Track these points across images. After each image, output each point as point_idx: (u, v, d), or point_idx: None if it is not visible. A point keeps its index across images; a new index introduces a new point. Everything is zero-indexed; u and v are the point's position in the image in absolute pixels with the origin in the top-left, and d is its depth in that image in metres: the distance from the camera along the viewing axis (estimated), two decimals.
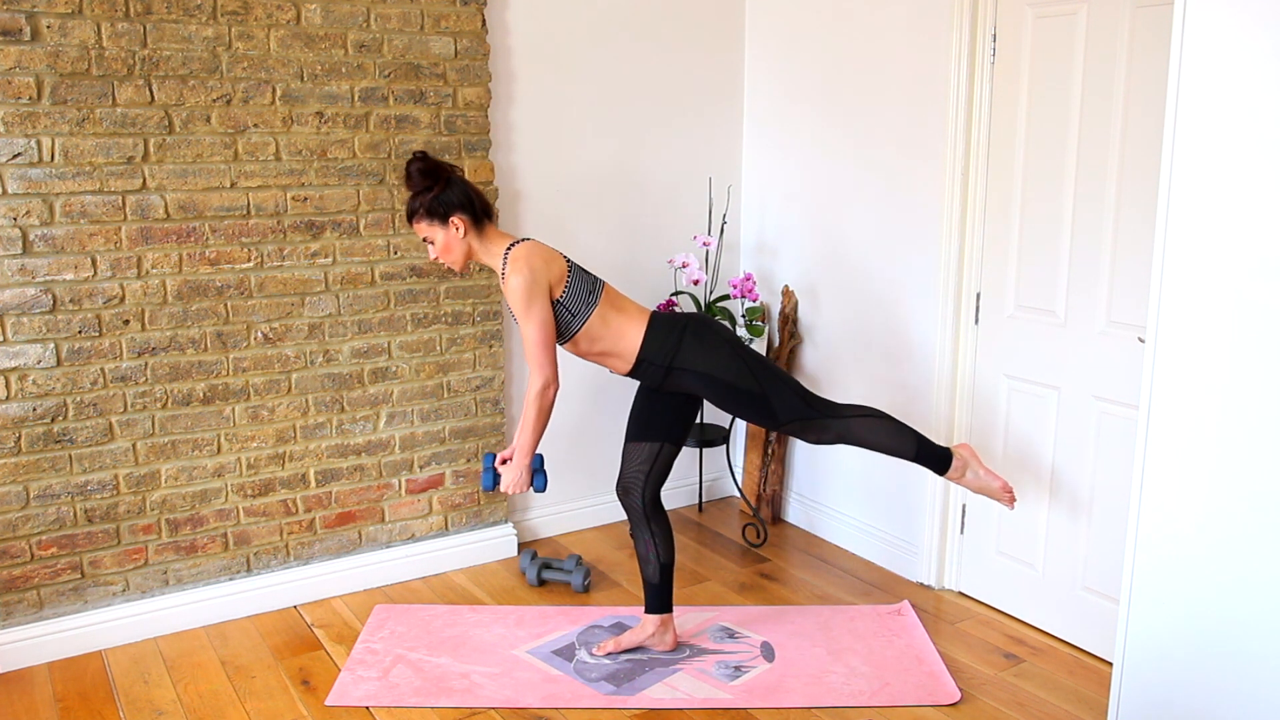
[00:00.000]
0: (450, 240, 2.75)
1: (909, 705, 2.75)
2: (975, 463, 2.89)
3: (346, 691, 2.81)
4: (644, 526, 2.92)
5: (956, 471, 2.87)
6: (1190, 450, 2.18)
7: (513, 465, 2.84)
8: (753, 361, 2.79)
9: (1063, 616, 3.10)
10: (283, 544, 3.34)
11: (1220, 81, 2.04)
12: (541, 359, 2.69)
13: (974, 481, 2.88)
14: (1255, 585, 2.10)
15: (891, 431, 2.83)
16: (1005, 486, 2.86)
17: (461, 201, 2.74)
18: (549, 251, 2.77)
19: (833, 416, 2.80)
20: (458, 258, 2.78)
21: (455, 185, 2.74)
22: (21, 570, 2.97)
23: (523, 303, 2.67)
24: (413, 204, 2.75)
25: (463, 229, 2.74)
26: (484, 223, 2.79)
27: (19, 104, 2.77)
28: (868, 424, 2.82)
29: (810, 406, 2.79)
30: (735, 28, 4.01)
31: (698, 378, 2.77)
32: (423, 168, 2.73)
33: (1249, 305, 2.04)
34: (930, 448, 2.85)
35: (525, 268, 2.68)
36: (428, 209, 2.73)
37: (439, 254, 2.79)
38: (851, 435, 2.81)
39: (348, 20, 3.16)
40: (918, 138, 3.32)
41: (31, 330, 2.87)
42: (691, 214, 4.02)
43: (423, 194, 2.73)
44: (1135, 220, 2.76)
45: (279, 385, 3.25)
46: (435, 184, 2.72)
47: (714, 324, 2.83)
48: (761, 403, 2.76)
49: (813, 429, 2.80)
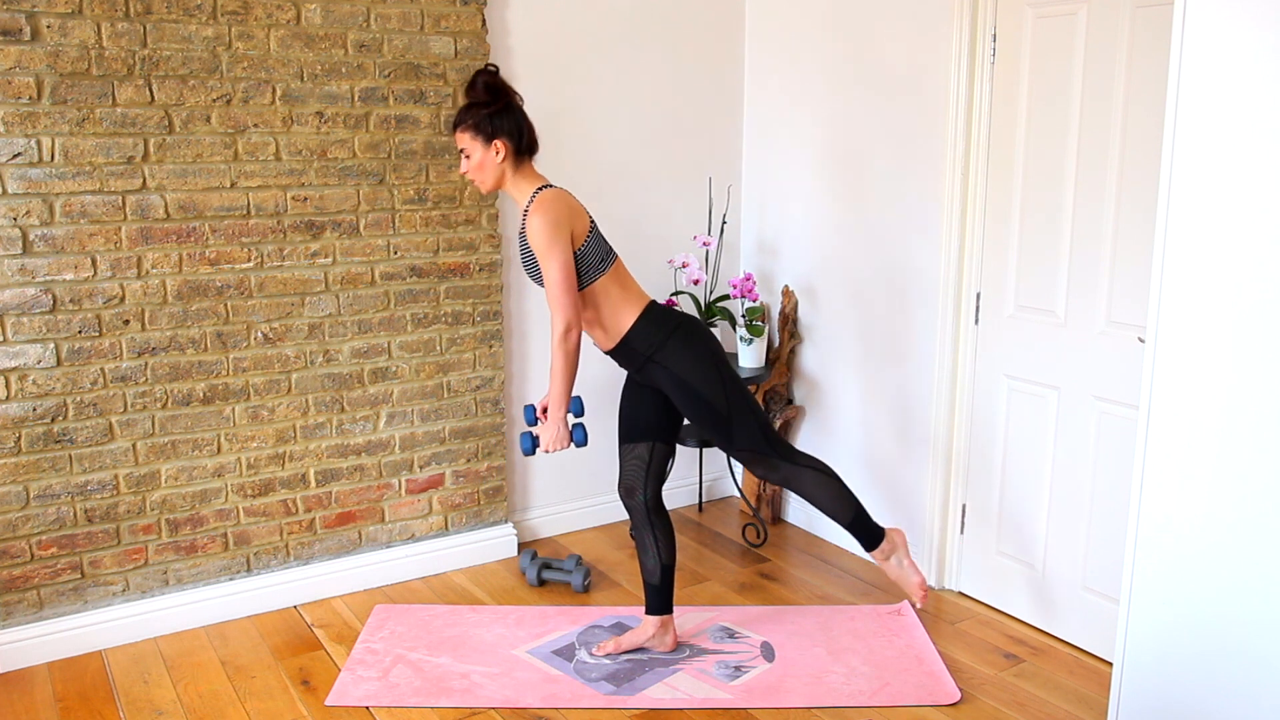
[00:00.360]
0: (486, 160, 2.71)
1: (909, 705, 2.75)
2: (902, 551, 2.92)
3: (346, 691, 2.81)
4: (646, 527, 2.92)
5: (882, 553, 2.90)
6: (1190, 450, 2.18)
7: (550, 420, 2.76)
8: (730, 382, 2.77)
9: (1063, 616, 3.10)
10: (283, 544, 3.34)
11: (1220, 81, 2.04)
12: (563, 300, 2.64)
13: (894, 569, 2.92)
14: (1255, 585, 2.10)
15: (835, 495, 2.84)
16: (922, 584, 2.90)
17: (511, 129, 2.70)
18: (576, 203, 2.74)
19: (786, 460, 2.81)
20: (488, 180, 2.74)
21: (512, 111, 2.71)
22: (21, 570, 2.97)
23: (545, 241, 2.63)
24: (463, 114, 2.70)
25: (502, 154, 2.70)
26: (524, 157, 2.75)
27: (19, 104, 2.77)
28: (816, 479, 2.83)
29: (769, 444, 2.79)
30: (735, 28, 4.01)
31: (671, 378, 2.76)
32: (489, 82, 2.69)
33: (1249, 305, 2.04)
34: (866, 522, 2.88)
35: (551, 210, 2.65)
36: (476, 124, 2.68)
37: (471, 171, 2.74)
38: (796, 484, 2.83)
39: (348, 20, 3.16)
40: (918, 138, 3.32)
41: (31, 330, 2.87)
42: (691, 214, 4.02)
43: (478, 107, 2.68)
44: (1135, 220, 2.76)
45: (279, 385, 3.25)
46: (494, 103, 2.68)
47: (705, 333, 2.82)
48: (723, 423, 2.76)
49: (762, 464, 2.80)
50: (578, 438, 2.79)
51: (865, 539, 2.89)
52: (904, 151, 3.38)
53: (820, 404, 3.88)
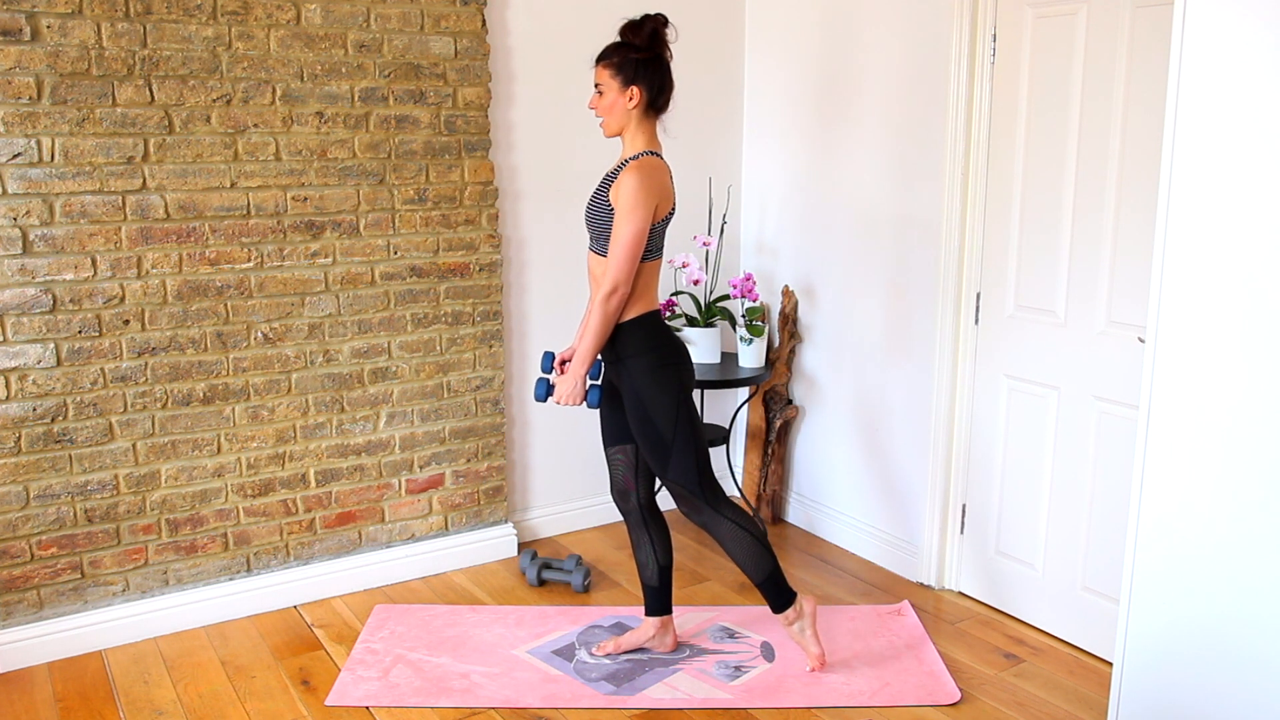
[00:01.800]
0: (618, 103, 2.66)
1: (909, 705, 2.75)
2: (809, 621, 2.87)
3: (346, 691, 2.81)
4: (642, 529, 2.92)
5: (788, 619, 2.85)
6: (1190, 450, 2.18)
7: (569, 375, 2.70)
8: (684, 417, 2.71)
9: (1063, 616, 3.10)
10: (283, 544, 3.34)
11: (1220, 81, 2.04)
12: (623, 262, 2.59)
13: (797, 635, 2.87)
14: (1255, 585, 2.10)
15: (754, 552, 2.78)
16: (820, 656, 2.87)
17: (652, 80, 2.65)
18: (670, 184, 2.69)
19: (712, 506, 2.76)
20: (614, 121, 2.69)
21: (661, 65, 2.66)
22: (21, 570, 2.97)
23: (631, 201, 2.58)
24: (612, 50, 2.66)
25: (636, 101, 2.65)
26: (651, 113, 2.70)
27: (19, 104, 2.77)
28: (735, 533, 2.77)
29: (701, 485, 2.75)
30: (735, 28, 4.01)
31: (629, 388, 2.72)
32: (656, 30, 2.64)
33: (1249, 305, 2.04)
34: (778, 584, 2.81)
35: (652, 177, 2.61)
36: (620, 63, 2.64)
37: (600, 108, 2.70)
38: (715, 531, 2.78)
39: (348, 20, 3.16)
40: (918, 138, 3.32)
41: (31, 330, 2.87)
42: (691, 214, 4.02)
43: (632, 50, 2.64)
44: (1135, 220, 2.76)
45: (279, 385, 3.25)
46: (649, 50, 2.64)
47: (685, 366, 2.77)
48: (662, 450, 2.71)
49: (687, 502, 2.77)
50: (592, 398, 2.75)
51: (774, 600, 2.83)
52: (904, 151, 3.38)
53: (820, 404, 3.88)
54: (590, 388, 2.74)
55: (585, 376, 2.70)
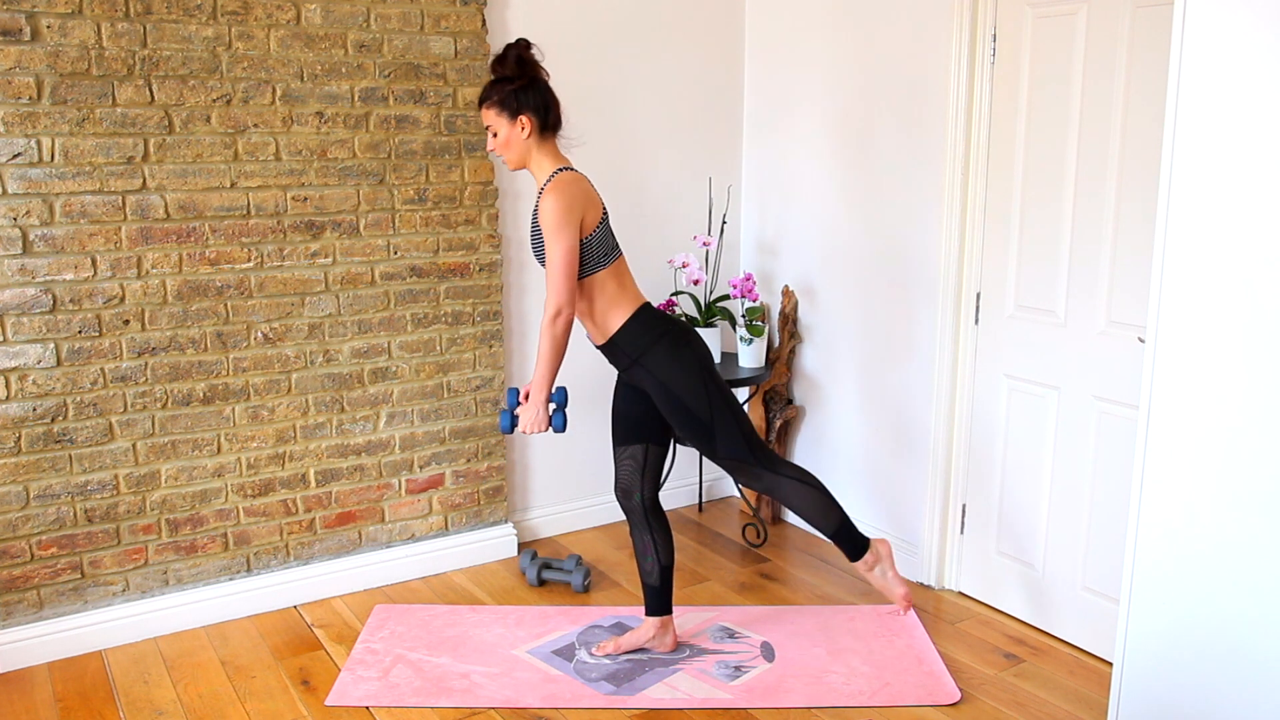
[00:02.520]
0: (513, 137, 2.69)
1: (909, 705, 2.75)
2: (888, 562, 2.91)
3: (346, 691, 2.81)
4: (644, 528, 2.92)
5: (866, 565, 2.89)
6: (1190, 450, 2.18)
7: (529, 403, 2.75)
8: (714, 391, 2.75)
9: (1063, 616, 3.10)
10: (283, 544, 3.34)
11: (1220, 81, 2.04)
12: (561, 285, 2.62)
13: (879, 580, 2.92)
14: (1255, 585, 2.10)
15: (821, 505, 2.83)
16: (906, 596, 2.91)
17: (537, 104, 2.68)
18: (592, 191, 2.72)
19: (769, 470, 2.80)
20: (515, 156, 2.72)
21: (538, 86, 2.69)
22: (21, 570, 2.97)
23: (555, 223, 2.61)
24: (490, 90, 2.69)
25: (528, 130, 2.68)
26: (548, 134, 2.73)
27: (19, 104, 2.77)
28: (799, 489, 2.81)
29: (752, 452, 2.78)
30: (735, 28, 4.01)
31: (656, 383, 2.75)
32: (521, 56, 2.67)
33: (1249, 305, 2.04)
34: (851, 532, 2.87)
35: (566, 194, 2.63)
36: (502, 99, 2.67)
37: (498, 147, 2.73)
38: (780, 493, 2.82)
39: (348, 20, 3.16)
40: (918, 137, 3.32)
41: (31, 330, 2.87)
42: (691, 214, 4.02)
43: (505, 83, 2.67)
44: (1135, 220, 2.76)
45: (279, 385, 3.25)
46: (521, 77, 2.67)
47: (694, 341, 2.79)
48: (706, 431, 2.74)
49: (745, 473, 2.80)
50: (556, 423, 2.78)
51: (849, 549, 2.88)
52: (904, 151, 3.38)
53: (820, 404, 3.88)
54: (554, 412, 2.78)
55: (546, 402, 2.74)
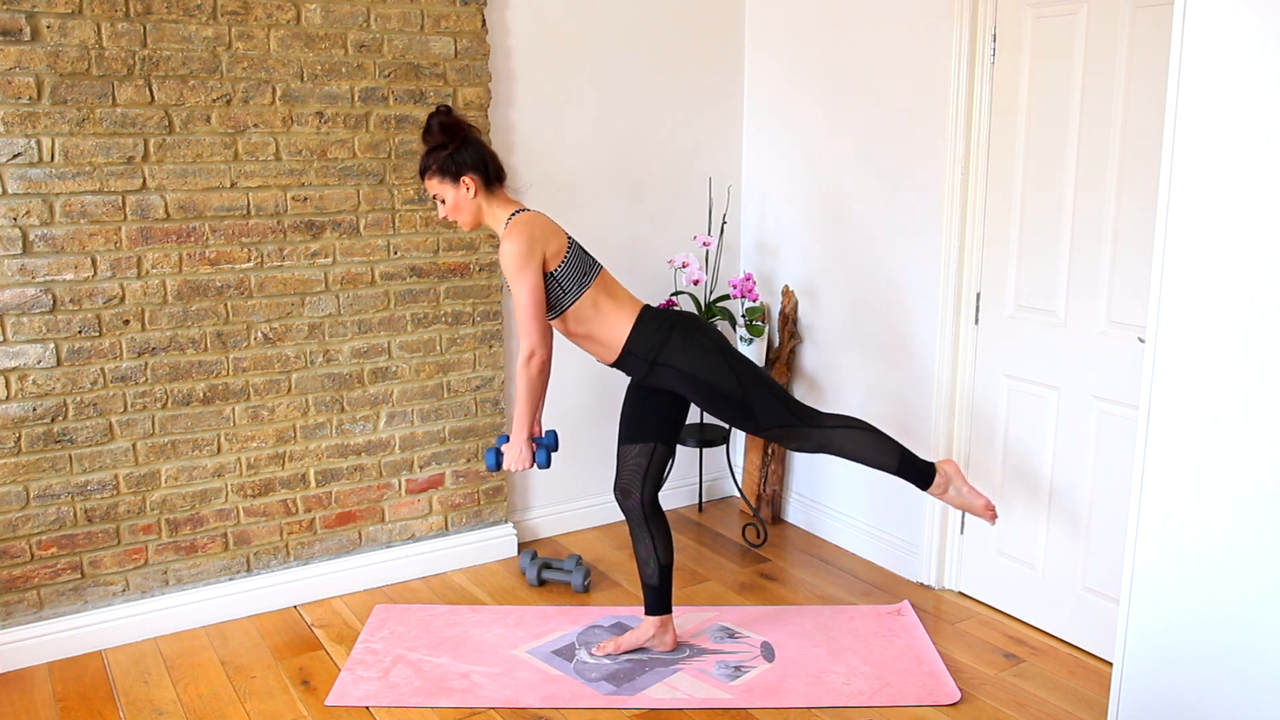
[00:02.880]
0: (460, 199, 2.73)
1: (909, 705, 2.75)
2: (959, 479, 2.88)
3: (346, 691, 2.81)
4: (643, 528, 2.92)
5: (939, 487, 2.86)
6: (1190, 450, 2.18)
7: (511, 442, 2.82)
8: (738, 366, 2.77)
9: (1063, 616, 3.10)
10: (283, 544, 3.34)
11: (1220, 81, 2.04)
12: (530, 326, 2.69)
13: (956, 499, 2.88)
14: (1255, 585, 2.10)
15: (874, 443, 2.81)
16: (988, 505, 2.86)
17: (475, 162, 2.71)
18: (550, 225, 2.75)
19: (815, 426, 2.79)
20: (467, 218, 2.76)
21: (471, 145, 2.72)
22: (21, 570, 2.97)
23: (515, 267, 2.66)
24: (426, 160, 2.73)
25: (473, 189, 2.72)
26: (495, 186, 2.77)
27: (19, 104, 2.77)
28: (850, 435, 2.81)
29: (794, 414, 2.78)
30: (735, 27, 4.01)
31: (681, 376, 2.76)
32: (444, 122, 2.70)
33: (1250, 305, 2.04)
34: (913, 461, 2.84)
35: (524, 234, 2.67)
36: (440, 166, 2.70)
37: (449, 213, 2.76)
38: (833, 445, 2.80)
39: (348, 20, 3.16)
40: (918, 137, 3.32)
41: (31, 330, 2.87)
42: (691, 214, 4.02)
43: (438, 150, 2.70)
44: (1135, 220, 2.76)
45: (279, 385, 3.25)
46: (453, 141, 2.70)
47: (703, 325, 2.83)
48: (743, 407, 2.75)
49: (794, 437, 2.79)
50: (540, 460, 2.85)
51: (917, 479, 2.85)
52: (904, 151, 3.38)
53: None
54: (538, 450, 2.84)
55: (528, 441, 2.81)
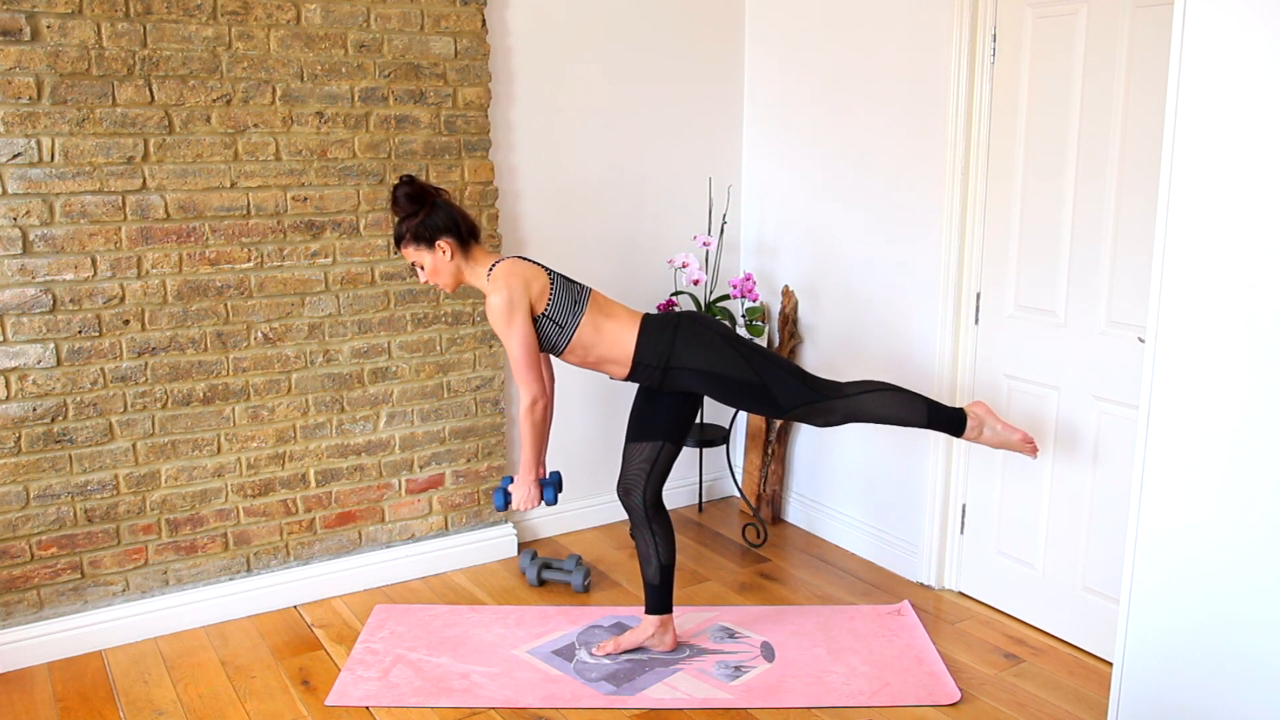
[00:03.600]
0: (438, 263, 2.78)
1: (909, 705, 2.75)
2: (991, 419, 2.84)
3: (346, 691, 2.81)
4: (645, 527, 2.92)
5: (974, 430, 2.83)
6: (1190, 450, 2.18)
7: (518, 482, 2.92)
8: (748, 352, 2.78)
9: (1063, 616, 3.10)
10: (283, 544, 3.34)
11: (1220, 81, 2.04)
12: (526, 376, 2.75)
13: (993, 438, 2.84)
14: (1255, 585, 2.10)
15: (900, 402, 2.79)
16: (1026, 438, 2.82)
17: (447, 225, 2.76)
18: (529, 268, 2.79)
19: (837, 397, 2.78)
20: (447, 280, 2.81)
21: (440, 209, 2.76)
22: (21, 570, 2.97)
23: (503, 321, 2.72)
24: (400, 229, 2.78)
25: (449, 252, 2.77)
26: (470, 244, 2.81)
27: (19, 104, 2.77)
28: (875, 398, 2.79)
29: (814, 390, 2.77)
30: (735, 28, 4.01)
31: (695, 375, 2.77)
32: (409, 193, 2.74)
33: (1249, 305, 2.04)
34: (943, 411, 2.81)
35: (504, 287, 2.72)
36: (414, 234, 2.75)
37: (429, 277, 2.81)
38: (861, 412, 2.78)
39: (348, 20, 3.16)
40: (918, 137, 3.32)
41: (31, 330, 2.87)
42: (691, 214, 4.02)
43: (409, 219, 2.75)
44: (1135, 220, 2.76)
45: (279, 385, 3.25)
46: (421, 208, 2.74)
47: (705, 319, 2.84)
48: (762, 393, 2.76)
49: (819, 412, 2.78)
50: (548, 497, 2.95)
51: (951, 429, 2.83)
52: (904, 151, 3.38)
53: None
54: (545, 488, 2.95)
55: (535, 481, 2.91)
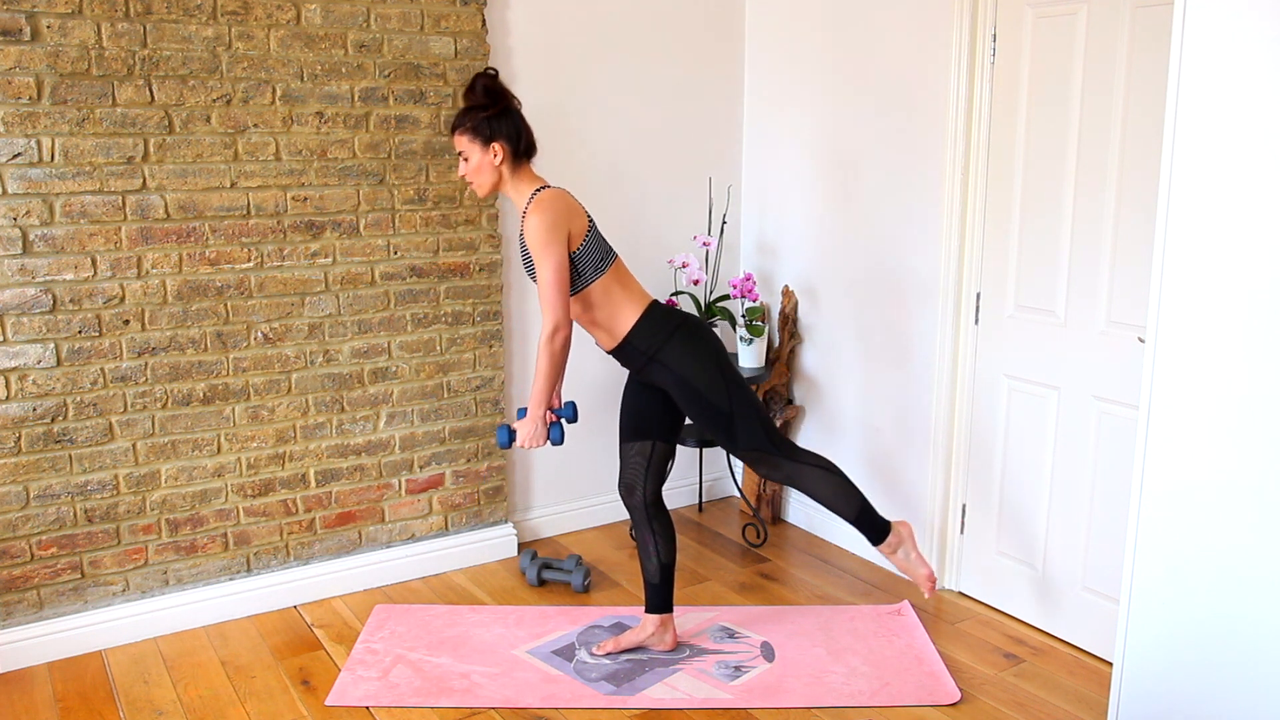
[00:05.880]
0: (484, 163, 2.72)
1: (909, 705, 2.75)
2: (910, 544, 2.90)
3: (346, 691, 2.81)
4: (646, 526, 2.93)
5: (889, 547, 2.88)
6: (1190, 450, 2.18)
7: (527, 418, 2.77)
8: (732, 382, 2.76)
9: (1063, 616, 3.10)
10: (283, 544, 3.34)
11: (1220, 81, 2.04)
12: (555, 301, 2.65)
13: (902, 561, 2.90)
14: (1256, 585, 2.10)
15: (841, 492, 2.82)
16: (931, 575, 2.88)
17: (509, 132, 2.70)
18: (576, 205, 2.74)
19: (789, 458, 2.80)
20: (486, 183, 2.75)
21: (510, 115, 2.71)
22: (21, 570, 2.97)
23: (541, 241, 2.64)
24: (461, 117, 2.71)
25: (500, 157, 2.70)
26: (521, 160, 2.75)
27: (19, 104, 2.77)
28: (821, 476, 2.81)
29: (772, 443, 2.78)
30: (735, 28, 4.01)
31: (674, 378, 2.76)
32: (488, 85, 2.70)
33: (1249, 305, 2.04)
34: (873, 517, 2.86)
35: (550, 210, 2.66)
36: (474, 126, 2.69)
37: (469, 173, 2.75)
38: (801, 482, 2.82)
39: (348, 20, 3.16)
40: (918, 137, 3.32)
41: (31, 330, 2.87)
42: (691, 214, 4.02)
43: (477, 110, 2.69)
44: (1135, 220, 2.76)
45: (279, 385, 3.25)
46: (492, 106, 2.69)
47: (708, 333, 2.82)
48: (726, 423, 2.75)
49: (766, 463, 2.79)
50: (554, 436, 2.78)
51: (871, 534, 2.87)
52: (904, 151, 3.38)
53: (820, 404, 3.88)
54: (552, 425, 2.79)
55: (543, 417, 2.76)
